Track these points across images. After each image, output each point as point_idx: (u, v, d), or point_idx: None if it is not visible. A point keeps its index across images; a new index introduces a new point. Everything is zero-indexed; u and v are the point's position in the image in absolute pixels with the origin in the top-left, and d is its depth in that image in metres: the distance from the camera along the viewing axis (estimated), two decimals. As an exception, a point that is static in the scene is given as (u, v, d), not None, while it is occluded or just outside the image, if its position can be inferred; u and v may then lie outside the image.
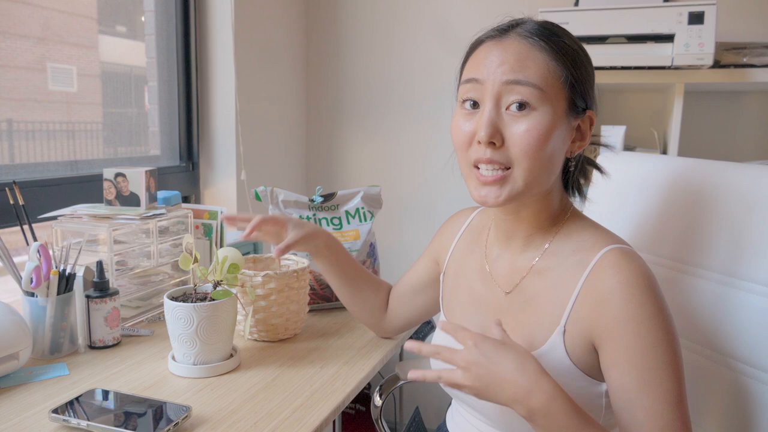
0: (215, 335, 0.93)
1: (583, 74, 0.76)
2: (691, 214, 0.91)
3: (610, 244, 0.75)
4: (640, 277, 0.71)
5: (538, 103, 0.72)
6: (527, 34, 0.75)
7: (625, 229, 1.02)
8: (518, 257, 0.83)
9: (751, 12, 1.68)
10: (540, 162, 0.73)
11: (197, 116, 1.76)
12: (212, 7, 1.72)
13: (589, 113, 0.78)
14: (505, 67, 0.73)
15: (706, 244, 0.88)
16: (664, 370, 0.69)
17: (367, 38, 2.09)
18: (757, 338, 0.80)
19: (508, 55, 0.73)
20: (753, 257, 0.81)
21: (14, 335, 0.90)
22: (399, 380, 1.28)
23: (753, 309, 0.80)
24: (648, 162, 1.03)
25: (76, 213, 1.11)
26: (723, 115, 1.75)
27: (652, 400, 0.68)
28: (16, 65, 1.27)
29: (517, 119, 0.73)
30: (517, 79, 0.72)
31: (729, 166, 0.89)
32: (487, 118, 0.73)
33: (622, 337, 0.70)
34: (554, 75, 0.73)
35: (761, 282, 0.80)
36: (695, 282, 0.89)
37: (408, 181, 2.09)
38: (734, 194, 0.85)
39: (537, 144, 0.72)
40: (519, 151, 0.73)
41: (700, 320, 0.87)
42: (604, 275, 0.73)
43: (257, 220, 0.99)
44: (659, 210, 0.97)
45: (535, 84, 0.72)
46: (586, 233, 0.79)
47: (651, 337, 0.69)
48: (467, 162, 0.77)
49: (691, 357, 0.89)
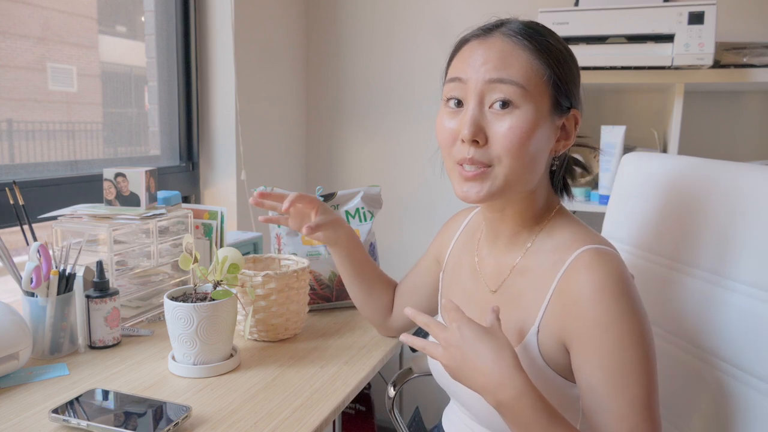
0: (215, 335, 0.93)
1: (567, 73, 0.76)
2: (686, 213, 0.91)
3: (588, 244, 0.75)
4: (611, 278, 0.71)
5: (521, 102, 0.72)
6: (511, 33, 0.75)
7: (626, 227, 1.02)
8: (504, 256, 0.84)
9: (751, 12, 1.68)
10: (522, 160, 0.73)
11: (197, 116, 1.76)
12: (212, 7, 1.72)
13: (573, 112, 0.78)
14: (488, 66, 0.73)
15: (698, 242, 0.88)
16: (632, 373, 0.68)
17: (367, 38, 2.09)
18: (741, 340, 0.80)
19: (492, 53, 0.74)
20: (740, 257, 0.82)
21: (14, 335, 0.90)
22: (412, 373, 1.29)
23: (737, 309, 0.81)
24: (651, 161, 1.03)
25: (76, 213, 1.11)
26: (723, 115, 1.75)
27: (619, 403, 0.68)
28: (16, 65, 1.27)
29: (500, 117, 0.73)
30: (500, 77, 0.72)
31: (726, 166, 0.89)
32: (470, 117, 0.73)
33: (590, 339, 0.70)
34: (537, 73, 0.73)
35: (746, 282, 0.80)
36: (686, 281, 0.89)
37: (408, 181, 2.09)
38: (731, 194, 0.85)
39: (519, 142, 0.72)
40: (501, 149, 0.73)
41: (691, 319, 0.87)
42: (577, 276, 0.73)
43: (294, 196, 0.99)
44: (659, 209, 0.97)
45: (518, 82, 0.72)
46: (567, 232, 0.79)
47: (619, 340, 0.69)
48: (451, 160, 0.78)
49: (679, 354, 0.90)
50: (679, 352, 0.90)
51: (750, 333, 0.79)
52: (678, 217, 0.93)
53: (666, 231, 0.95)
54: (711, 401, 0.85)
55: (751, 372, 0.79)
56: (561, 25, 1.50)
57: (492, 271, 0.85)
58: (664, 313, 0.93)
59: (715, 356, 0.84)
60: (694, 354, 0.87)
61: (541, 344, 0.76)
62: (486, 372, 0.69)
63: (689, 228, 0.90)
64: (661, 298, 0.93)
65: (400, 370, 1.31)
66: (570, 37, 1.51)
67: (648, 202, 0.99)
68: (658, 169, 0.99)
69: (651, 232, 0.98)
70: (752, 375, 0.78)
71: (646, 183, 1.01)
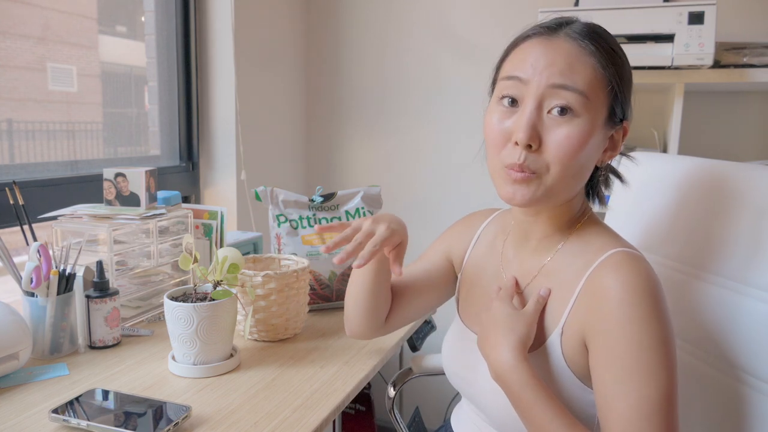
0: (215, 335, 0.93)
1: (626, 83, 0.75)
2: (685, 213, 0.91)
3: (618, 248, 0.74)
4: (639, 278, 0.70)
5: (581, 110, 0.70)
6: (577, 36, 0.72)
7: (636, 229, 1.02)
8: (531, 258, 0.83)
9: (751, 12, 1.68)
10: (572, 169, 0.72)
11: (197, 116, 1.76)
12: (212, 7, 1.72)
13: (624, 124, 0.77)
14: (553, 69, 0.70)
15: (697, 242, 0.87)
16: (644, 376, 0.66)
17: (368, 38, 2.09)
18: (760, 347, 0.79)
19: (558, 56, 0.71)
20: (741, 256, 0.81)
21: (14, 335, 0.90)
22: (412, 373, 1.29)
23: (756, 316, 0.79)
24: (651, 161, 1.03)
25: (76, 213, 1.11)
26: (723, 115, 1.75)
27: (625, 405, 0.66)
28: (16, 65, 1.27)
29: (559, 124, 0.70)
30: (564, 83, 0.70)
31: (726, 166, 0.89)
32: (528, 120, 0.70)
33: (610, 335, 0.69)
34: (601, 82, 0.71)
35: (750, 284, 0.80)
36: (687, 281, 0.89)
37: (408, 181, 2.09)
38: (731, 194, 0.85)
39: (572, 152, 0.70)
40: (554, 157, 0.71)
41: (703, 325, 0.87)
42: (604, 275, 0.72)
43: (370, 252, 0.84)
44: (658, 208, 0.97)
45: (582, 90, 0.70)
46: (597, 236, 0.79)
47: (638, 340, 0.67)
48: (499, 162, 0.74)
49: (693, 362, 0.89)
50: (692, 359, 0.89)
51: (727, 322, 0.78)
52: (678, 217, 0.93)
53: (666, 231, 0.95)
54: (727, 411, 0.83)
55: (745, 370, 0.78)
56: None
57: (517, 273, 0.84)
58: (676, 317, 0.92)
59: (732, 365, 0.83)
60: (711, 363, 0.86)
61: (564, 345, 0.75)
62: (494, 344, 0.75)
63: (689, 228, 0.90)
64: (672, 302, 0.93)
65: (400, 370, 1.31)
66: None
67: (647, 202, 0.99)
68: (658, 169, 0.99)
69: (650, 232, 0.98)
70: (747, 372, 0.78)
71: (645, 183, 1.01)
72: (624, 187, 0.86)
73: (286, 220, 1.27)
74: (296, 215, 1.28)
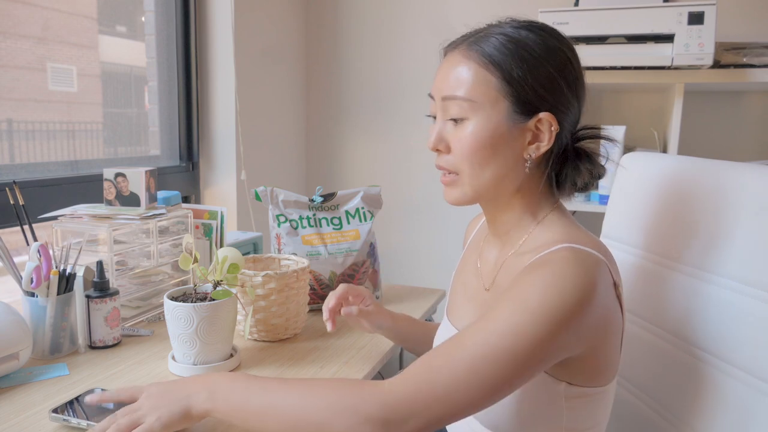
0: (215, 335, 0.93)
1: (531, 78, 0.74)
2: (685, 213, 0.91)
3: (570, 243, 0.72)
4: (567, 271, 0.66)
5: (471, 113, 0.75)
6: (464, 43, 0.77)
7: (636, 229, 1.02)
8: (499, 254, 0.85)
9: (751, 12, 1.68)
10: (480, 166, 0.76)
11: (197, 116, 1.76)
12: (212, 7, 1.72)
13: (542, 115, 0.75)
14: (443, 84, 0.78)
15: (697, 242, 0.88)
16: (492, 323, 0.65)
17: (367, 38, 2.09)
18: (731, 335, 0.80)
19: (447, 70, 0.78)
20: (742, 257, 0.81)
21: (14, 335, 0.91)
22: None
23: (760, 316, 0.79)
24: (650, 161, 1.03)
25: (76, 213, 1.11)
26: (723, 115, 1.75)
27: (440, 353, 0.68)
28: (16, 65, 1.27)
29: (456, 129, 0.78)
30: (450, 95, 0.76)
31: (726, 166, 0.89)
32: (435, 129, 0.79)
33: (496, 303, 0.68)
34: (488, 82, 0.74)
35: (750, 283, 0.80)
36: (686, 280, 0.89)
37: (408, 181, 2.09)
38: (731, 194, 0.85)
39: (472, 150, 0.76)
40: (458, 157, 0.77)
41: (691, 318, 0.87)
42: (537, 264, 0.71)
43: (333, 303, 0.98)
44: (658, 208, 0.97)
45: (465, 97, 0.75)
46: (555, 231, 0.78)
47: (509, 318, 0.65)
48: None
49: (678, 354, 0.89)
50: (679, 351, 0.90)
51: (732, 324, 0.79)
52: (677, 217, 0.93)
53: (665, 231, 0.95)
54: (696, 393, 0.85)
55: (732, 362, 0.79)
56: (561, 25, 1.50)
57: (487, 270, 0.87)
58: (661, 311, 0.93)
59: (698, 348, 0.84)
60: (687, 350, 0.87)
61: None
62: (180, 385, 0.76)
63: (689, 228, 0.90)
64: (659, 297, 0.93)
65: (400, 370, 1.31)
66: (570, 37, 1.50)
67: (647, 202, 0.99)
68: (657, 169, 0.99)
69: (650, 232, 0.98)
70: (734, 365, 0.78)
71: (645, 183, 1.01)
72: (624, 187, 0.86)
73: (286, 220, 1.27)
74: (296, 215, 1.28)
